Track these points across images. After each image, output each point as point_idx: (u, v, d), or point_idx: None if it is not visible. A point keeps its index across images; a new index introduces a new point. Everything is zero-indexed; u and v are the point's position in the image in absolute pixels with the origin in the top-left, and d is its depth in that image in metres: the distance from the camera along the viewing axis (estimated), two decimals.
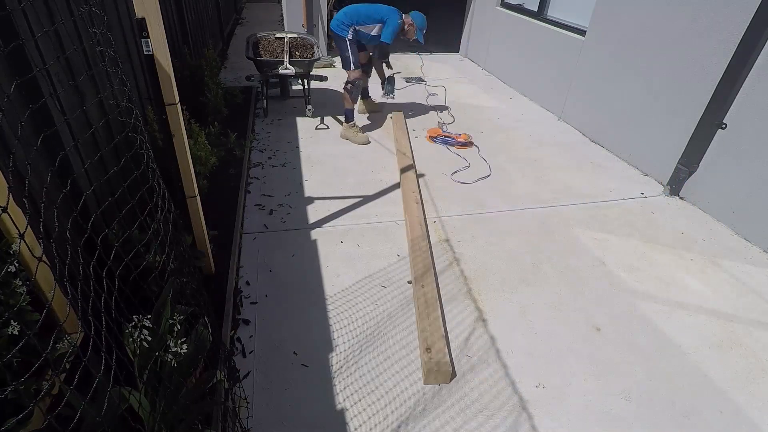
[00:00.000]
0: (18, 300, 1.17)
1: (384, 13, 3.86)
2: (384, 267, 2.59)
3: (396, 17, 3.83)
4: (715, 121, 3.06)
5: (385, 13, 3.85)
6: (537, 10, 5.24)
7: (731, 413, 1.87)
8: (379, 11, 3.86)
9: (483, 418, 1.80)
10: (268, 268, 2.54)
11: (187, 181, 2.02)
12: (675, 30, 3.34)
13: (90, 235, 1.04)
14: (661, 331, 2.24)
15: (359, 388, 1.89)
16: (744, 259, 2.79)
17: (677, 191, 3.43)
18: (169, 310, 1.39)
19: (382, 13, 3.85)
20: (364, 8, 3.89)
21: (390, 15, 3.84)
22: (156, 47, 1.64)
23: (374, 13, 3.84)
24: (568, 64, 4.59)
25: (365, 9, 3.89)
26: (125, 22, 2.45)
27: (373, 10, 3.86)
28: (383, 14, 3.84)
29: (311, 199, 3.21)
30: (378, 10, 3.87)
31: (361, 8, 3.90)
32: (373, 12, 3.85)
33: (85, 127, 1.81)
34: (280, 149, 3.93)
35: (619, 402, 1.89)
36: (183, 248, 1.63)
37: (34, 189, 1.40)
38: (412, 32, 3.92)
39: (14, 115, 1.35)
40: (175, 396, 1.31)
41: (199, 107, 3.92)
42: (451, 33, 7.64)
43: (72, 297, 1.40)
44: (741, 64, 2.86)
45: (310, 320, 2.21)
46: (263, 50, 4.50)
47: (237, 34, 8.33)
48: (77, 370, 0.82)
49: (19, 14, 1.37)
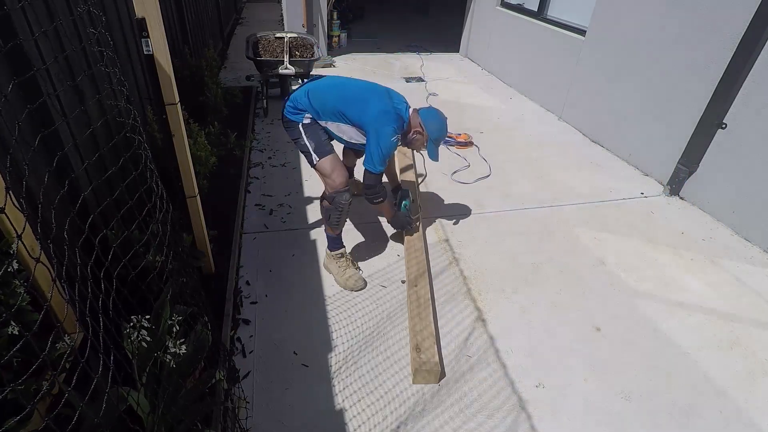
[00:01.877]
0: (17, 300, 1.17)
1: (370, 112, 2.16)
2: (384, 267, 2.58)
3: (389, 122, 2.14)
4: (715, 121, 3.06)
5: (371, 114, 2.16)
6: (537, 10, 5.23)
7: (731, 413, 1.86)
8: (363, 107, 2.19)
9: (482, 418, 1.80)
10: (268, 268, 2.53)
11: (187, 181, 2.02)
12: (675, 30, 3.34)
13: (88, 236, 1.04)
14: (661, 331, 2.24)
15: (359, 387, 1.89)
16: (744, 259, 2.79)
17: (677, 191, 3.42)
18: (168, 311, 1.39)
19: (366, 113, 2.17)
20: (336, 94, 2.27)
21: (379, 119, 2.14)
22: (156, 47, 1.64)
23: (351, 108, 2.21)
24: (568, 64, 4.58)
25: (338, 96, 2.25)
26: (125, 22, 2.45)
27: (351, 102, 2.22)
28: (367, 115, 2.17)
29: (311, 199, 3.20)
30: (361, 103, 2.20)
31: (332, 92, 2.28)
32: (351, 104, 2.21)
33: (84, 127, 1.81)
34: (280, 149, 3.93)
35: (619, 402, 1.89)
36: (182, 248, 1.63)
37: (32, 189, 1.40)
38: (420, 143, 2.33)
39: (12, 115, 1.35)
40: (174, 396, 1.31)
41: (199, 107, 3.92)
42: (451, 33, 7.65)
43: (70, 297, 1.40)
44: (741, 64, 2.85)
45: (310, 320, 2.21)
46: (263, 50, 4.50)
47: (237, 34, 8.33)
48: (76, 371, 0.82)
49: (18, 13, 1.37)
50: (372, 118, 2.16)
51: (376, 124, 2.15)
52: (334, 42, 7.13)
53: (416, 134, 2.29)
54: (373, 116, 2.16)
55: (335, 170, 2.23)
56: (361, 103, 2.21)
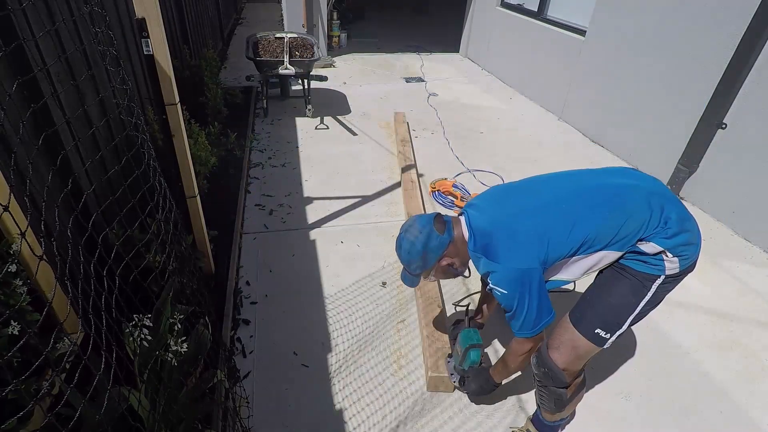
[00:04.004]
0: (18, 300, 1.17)
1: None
2: (384, 267, 2.59)
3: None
4: (715, 121, 3.06)
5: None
6: (537, 10, 5.24)
7: (731, 413, 1.87)
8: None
9: (481, 418, 1.80)
10: (268, 268, 2.54)
11: (187, 181, 2.02)
12: (675, 30, 3.34)
13: (91, 234, 1.05)
14: (661, 331, 2.24)
15: (359, 387, 1.89)
16: (744, 259, 2.79)
17: (677, 191, 3.42)
18: (169, 310, 1.39)
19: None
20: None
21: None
22: (156, 47, 1.64)
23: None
24: (568, 64, 4.59)
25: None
26: (125, 22, 2.45)
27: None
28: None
29: (311, 199, 3.21)
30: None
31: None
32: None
33: (86, 126, 1.81)
34: (280, 149, 3.93)
35: (619, 402, 1.89)
36: (184, 247, 1.63)
37: (35, 188, 1.41)
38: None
39: (15, 115, 1.36)
40: (175, 395, 1.31)
41: (199, 107, 3.93)
42: (451, 33, 7.66)
43: (72, 296, 1.40)
44: (741, 64, 2.86)
45: (310, 320, 2.21)
46: (263, 50, 4.50)
47: (237, 34, 8.33)
48: (77, 370, 0.82)
49: (19, 14, 1.37)
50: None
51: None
52: (334, 42, 7.14)
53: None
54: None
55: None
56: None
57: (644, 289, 1.33)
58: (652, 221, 1.28)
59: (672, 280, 1.33)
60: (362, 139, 4.19)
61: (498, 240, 1.32)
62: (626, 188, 1.35)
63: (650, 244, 1.28)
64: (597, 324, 1.36)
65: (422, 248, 1.40)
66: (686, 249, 1.29)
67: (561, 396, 1.45)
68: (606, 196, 1.34)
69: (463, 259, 1.45)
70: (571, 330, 1.40)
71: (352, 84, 5.65)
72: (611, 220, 1.29)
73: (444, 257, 1.42)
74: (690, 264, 1.33)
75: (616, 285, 1.37)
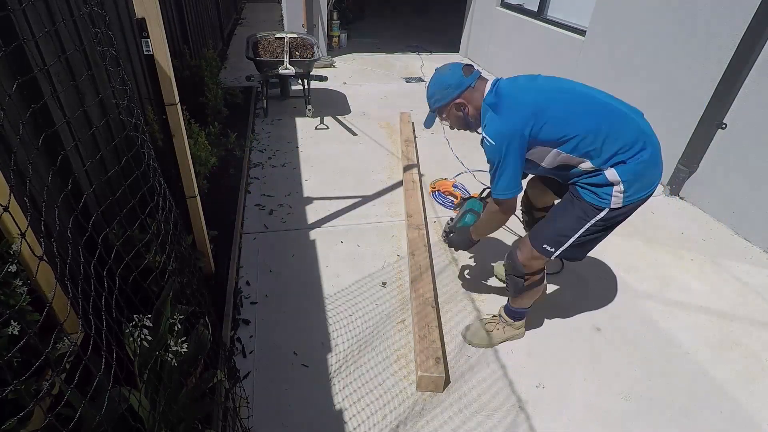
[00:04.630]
0: (18, 300, 1.17)
1: None
2: (384, 267, 2.59)
3: None
4: (715, 121, 3.06)
5: None
6: (537, 10, 5.24)
7: (731, 413, 1.87)
8: None
9: (481, 418, 1.80)
10: (268, 268, 2.54)
11: (187, 181, 2.02)
12: (675, 29, 3.34)
13: (91, 234, 1.05)
14: (661, 331, 2.24)
15: (359, 387, 1.89)
16: (744, 259, 2.79)
17: (677, 191, 3.43)
18: (169, 310, 1.39)
19: None
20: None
21: None
22: (156, 47, 1.64)
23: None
24: (568, 64, 4.59)
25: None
26: (125, 21, 2.45)
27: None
28: None
29: (311, 199, 3.21)
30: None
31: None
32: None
33: (86, 126, 1.82)
34: (280, 149, 3.93)
35: (619, 402, 1.89)
36: (184, 247, 1.63)
37: (35, 188, 1.41)
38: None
39: (15, 115, 1.36)
40: (175, 396, 1.31)
41: (199, 107, 3.93)
42: (451, 33, 7.66)
43: (72, 296, 1.40)
44: (741, 64, 2.86)
45: (310, 320, 2.21)
46: (263, 50, 4.50)
47: (237, 34, 8.33)
48: (77, 370, 0.82)
49: (19, 14, 1.37)
50: None
51: None
52: (334, 42, 7.14)
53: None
54: None
55: None
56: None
57: (586, 219, 1.65)
58: (629, 151, 1.54)
59: (615, 215, 1.62)
60: (362, 139, 4.19)
61: (505, 102, 1.60)
62: (626, 116, 1.60)
63: (612, 170, 1.55)
64: (545, 241, 1.75)
65: (447, 81, 1.70)
66: (638, 188, 1.57)
67: (519, 284, 1.88)
68: (606, 112, 1.60)
69: (476, 106, 1.70)
70: (529, 242, 1.80)
71: (352, 84, 5.65)
72: (601, 131, 1.54)
73: (460, 97, 1.69)
74: (632, 203, 1.60)
75: (565, 213, 1.71)
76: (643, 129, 1.59)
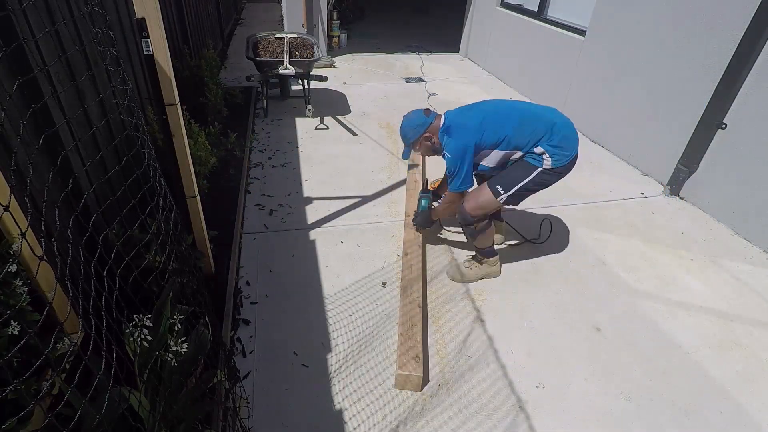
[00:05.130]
0: (18, 300, 1.17)
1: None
2: (384, 267, 2.59)
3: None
4: (715, 121, 3.06)
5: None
6: (537, 10, 5.24)
7: (731, 413, 1.87)
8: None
9: (481, 418, 1.80)
10: (268, 268, 2.54)
11: (187, 182, 2.02)
12: (675, 29, 3.34)
13: (91, 234, 1.05)
14: (661, 331, 2.24)
15: (358, 387, 1.89)
16: (744, 259, 2.79)
17: (677, 191, 3.43)
18: (169, 310, 1.39)
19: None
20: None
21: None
22: (156, 47, 1.64)
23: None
24: (568, 64, 4.59)
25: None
26: (125, 22, 2.45)
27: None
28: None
29: (311, 199, 3.21)
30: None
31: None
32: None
33: (86, 126, 1.82)
34: (280, 149, 3.93)
35: (619, 402, 1.89)
36: (184, 247, 1.63)
37: (35, 188, 1.41)
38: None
39: (16, 115, 1.36)
40: (175, 396, 1.31)
41: (199, 107, 3.93)
42: (451, 33, 7.66)
43: (73, 296, 1.40)
44: (741, 64, 2.86)
45: (310, 320, 2.21)
46: (263, 50, 4.50)
47: (237, 34, 8.34)
48: (77, 370, 0.82)
49: (19, 14, 1.37)
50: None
51: None
52: (334, 42, 7.14)
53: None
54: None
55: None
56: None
57: (530, 171, 2.16)
58: (545, 137, 2.11)
59: (549, 173, 2.15)
60: (362, 139, 4.19)
61: (456, 126, 2.20)
62: (538, 115, 2.19)
63: (539, 147, 2.12)
64: (499, 183, 2.21)
65: (415, 122, 2.26)
66: (559, 157, 2.12)
67: (470, 230, 2.37)
68: (526, 115, 2.18)
69: (438, 136, 2.26)
70: (483, 187, 2.26)
71: (352, 84, 5.65)
72: (522, 130, 2.13)
73: (426, 132, 2.25)
74: (560, 166, 2.13)
75: (515, 168, 2.21)
76: (552, 120, 2.15)
